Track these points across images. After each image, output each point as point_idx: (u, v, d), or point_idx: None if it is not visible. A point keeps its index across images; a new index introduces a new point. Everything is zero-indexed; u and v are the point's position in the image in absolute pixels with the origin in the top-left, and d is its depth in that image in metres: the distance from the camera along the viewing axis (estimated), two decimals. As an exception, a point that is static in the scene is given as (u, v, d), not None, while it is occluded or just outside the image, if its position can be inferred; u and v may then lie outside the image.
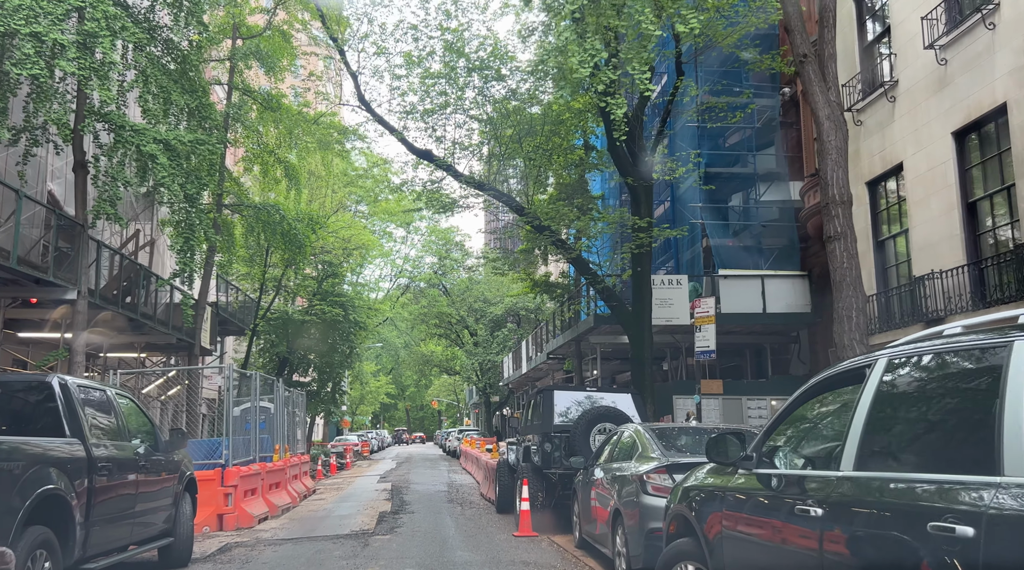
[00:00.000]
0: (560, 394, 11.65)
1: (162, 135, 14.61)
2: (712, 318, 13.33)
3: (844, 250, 8.18)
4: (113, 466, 6.79)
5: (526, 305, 41.35)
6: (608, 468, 8.09)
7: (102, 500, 6.56)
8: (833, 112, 8.48)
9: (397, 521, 12.68)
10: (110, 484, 6.73)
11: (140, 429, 8.06)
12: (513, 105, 18.51)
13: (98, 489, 6.46)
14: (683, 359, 22.06)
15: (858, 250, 8.21)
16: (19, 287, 13.89)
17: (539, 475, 11.21)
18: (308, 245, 24.66)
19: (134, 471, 7.29)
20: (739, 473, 4.24)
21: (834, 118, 8.42)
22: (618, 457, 8.10)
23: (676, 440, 7.51)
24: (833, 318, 8.56)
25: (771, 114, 21.40)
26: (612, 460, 8.20)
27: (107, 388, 7.38)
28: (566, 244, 16.80)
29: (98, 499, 6.47)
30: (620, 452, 8.10)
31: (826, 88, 8.52)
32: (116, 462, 6.92)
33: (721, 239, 21.06)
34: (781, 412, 4.09)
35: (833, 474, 3.30)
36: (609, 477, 7.82)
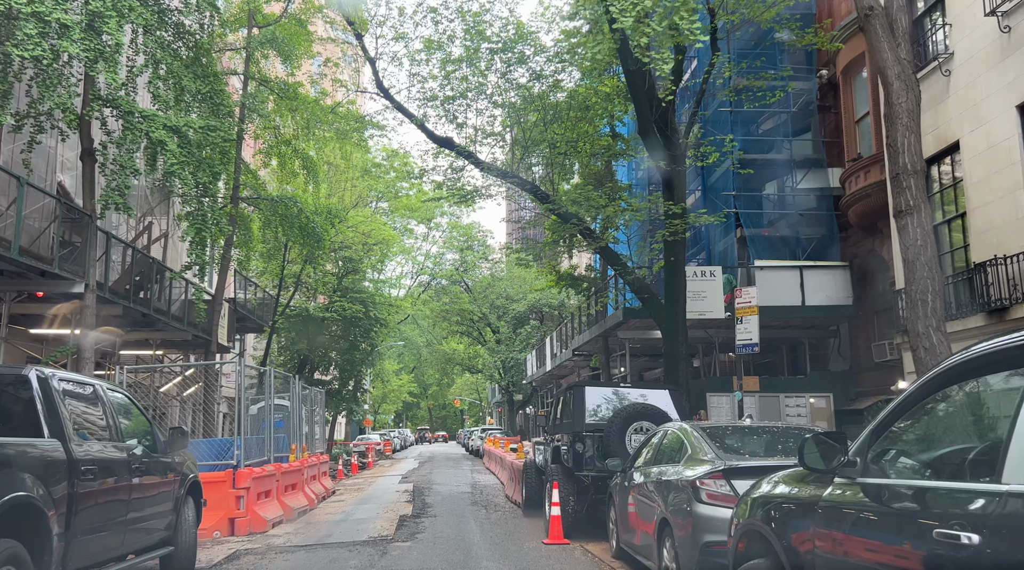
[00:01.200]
0: (591, 390, 10.83)
1: (172, 122, 14.00)
2: (755, 308, 12.44)
3: (917, 225, 7.29)
4: (100, 469, 6.09)
5: (549, 302, 40.53)
6: (651, 472, 7.26)
7: (87, 507, 5.86)
8: (904, 71, 7.59)
9: (418, 526, 11.94)
10: (97, 489, 6.03)
11: (136, 428, 7.37)
12: (537, 90, 17.72)
13: (82, 495, 5.76)
14: (716, 355, 21.14)
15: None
16: (24, 280, 13.33)
17: (570, 478, 10.40)
18: (326, 239, 24.04)
19: (126, 474, 6.59)
20: (836, 482, 3.41)
21: (905, 77, 7.53)
22: (662, 459, 7.28)
23: (730, 440, 6.67)
24: (905, 303, 7.68)
25: (807, 98, 20.40)
26: (655, 463, 7.38)
27: (97, 383, 6.69)
28: (593, 233, 15.95)
29: (82, 506, 5.77)
30: (664, 454, 7.28)
31: (895, 44, 7.62)
32: (104, 465, 6.22)
33: (756, 229, 20.10)
34: (895, 407, 3.25)
35: (992, 488, 2.46)
36: (653, 482, 7.00)
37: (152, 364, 15.72)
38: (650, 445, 8.03)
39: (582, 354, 25.05)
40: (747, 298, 12.54)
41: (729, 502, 5.68)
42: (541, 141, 17.62)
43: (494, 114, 18.36)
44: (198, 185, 14.74)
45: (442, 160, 18.77)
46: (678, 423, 7.33)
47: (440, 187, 18.51)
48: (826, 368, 20.30)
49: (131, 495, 6.66)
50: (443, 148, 17.81)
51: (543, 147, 17.49)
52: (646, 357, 24.24)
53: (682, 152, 15.03)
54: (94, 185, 14.08)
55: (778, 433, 6.88)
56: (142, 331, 19.62)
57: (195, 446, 12.43)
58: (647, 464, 7.64)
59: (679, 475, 6.32)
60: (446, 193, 18.05)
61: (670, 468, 6.71)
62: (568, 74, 17.12)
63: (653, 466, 7.35)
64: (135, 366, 13.57)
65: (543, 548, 9.56)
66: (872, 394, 17.91)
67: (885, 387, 17.29)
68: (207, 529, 11.15)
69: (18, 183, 11.76)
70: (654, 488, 6.88)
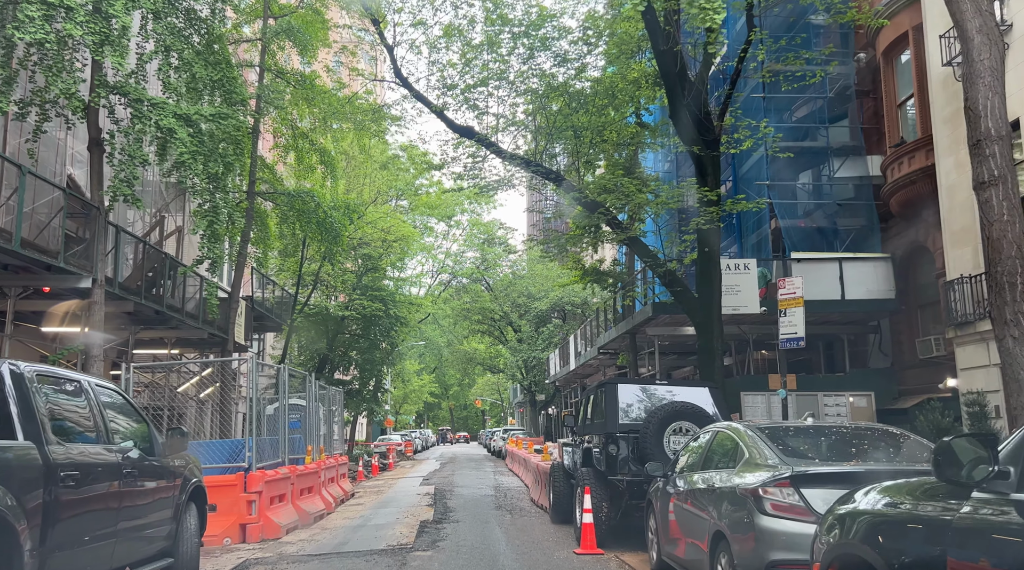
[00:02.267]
0: (625, 388, 10.06)
1: (182, 110, 13.42)
2: (800, 300, 11.58)
3: (1004, 198, 6.43)
4: (84, 475, 5.44)
5: (571, 300, 39.75)
6: (698, 478, 6.49)
7: (68, 518, 5.22)
8: (986, 23, 6.76)
9: (440, 532, 11.23)
10: (80, 497, 5.39)
11: (130, 429, 6.73)
12: (562, 77, 17.00)
13: (61, 504, 5.11)
14: (750, 352, 20.25)
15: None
16: (30, 275, 12.81)
17: (603, 482, 9.64)
18: (345, 234, 23.44)
19: (117, 480, 5.94)
20: (976, 498, 2.64)
21: (987, 30, 6.70)
22: (711, 464, 6.51)
23: (793, 442, 5.87)
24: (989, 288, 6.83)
25: (845, 82, 19.47)
26: (703, 467, 6.61)
27: (84, 379, 6.04)
28: (621, 224, 15.16)
29: (61, 517, 5.13)
30: (714, 458, 6.51)
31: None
32: (90, 469, 5.57)
33: (791, 220, 19.20)
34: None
35: None
36: (702, 489, 6.23)
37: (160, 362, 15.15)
38: (695, 447, 7.26)
39: (608, 352, 24.25)
40: (791, 289, 11.69)
41: (798, 514, 4.91)
42: (565, 128, 16.87)
43: (516, 102, 17.68)
44: (209, 176, 14.16)
45: (462, 151, 18.11)
46: (734, 423, 6.54)
47: (461, 178, 17.82)
48: (865, 366, 19.34)
49: (122, 503, 6.01)
50: (463, 137, 17.14)
51: (567, 135, 16.74)
52: (674, 355, 23.41)
53: (716, 136, 14.22)
54: (102, 176, 13.54)
55: (847, 434, 6.08)
56: (156, 329, 19.13)
57: (206, 447, 11.85)
58: (693, 469, 6.86)
59: (736, 482, 5.55)
60: (467, 184, 17.33)
61: (723, 474, 5.94)
62: (594, 57, 16.36)
63: (701, 471, 6.58)
64: (142, 364, 12.97)
65: (575, 559, 8.82)
66: (916, 393, 16.96)
67: (932, 385, 16.33)
68: (217, 536, 10.55)
69: (19, 172, 11.21)
70: (705, 496, 6.11)
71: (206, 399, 22.51)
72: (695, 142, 13.87)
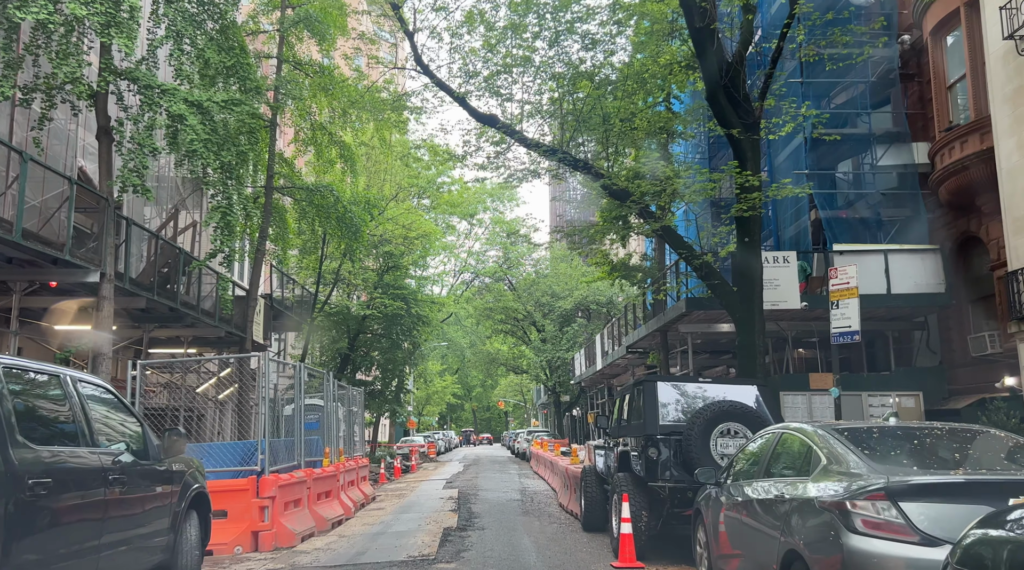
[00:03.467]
0: (665, 387, 9.24)
1: (193, 96, 12.83)
2: (855, 291, 10.67)
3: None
4: (60, 481, 4.76)
5: (596, 298, 38.91)
6: (760, 486, 5.68)
7: (38, 531, 4.55)
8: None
9: (464, 541, 10.48)
10: (55, 507, 4.72)
11: (121, 431, 6.06)
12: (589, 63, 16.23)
13: (29, 515, 4.44)
14: (789, 350, 19.28)
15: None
16: (36, 269, 12.26)
17: (642, 489, 8.83)
18: (365, 230, 22.84)
19: (101, 487, 5.27)
20: None
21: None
22: (775, 470, 5.70)
23: (880, 447, 5.03)
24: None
25: (888, 66, 18.48)
26: (765, 474, 5.80)
27: (65, 373, 5.37)
28: (653, 213, 14.32)
29: (30, 530, 4.46)
30: (779, 463, 5.70)
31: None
32: (67, 475, 4.90)
33: (832, 210, 18.24)
34: None
35: None
36: (766, 499, 5.42)
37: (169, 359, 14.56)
38: (752, 451, 6.45)
39: (637, 351, 23.38)
40: (844, 279, 10.78)
41: (897, 533, 4.09)
42: (592, 116, 16.07)
43: (541, 89, 16.93)
44: (223, 166, 13.57)
45: (485, 141, 17.38)
46: (803, 424, 5.72)
47: (484, 168, 17.09)
48: (911, 364, 18.32)
49: (108, 512, 5.33)
50: (486, 126, 16.40)
51: (595, 122, 15.94)
52: (706, 354, 22.50)
53: (756, 118, 13.34)
54: (111, 166, 12.99)
55: (943, 436, 5.22)
56: (172, 327, 18.61)
57: (217, 450, 11.22)
58: (752, 476, 6.05)
59: (813, 493, 4.72)
60: (490, 174, 16.61)
61: (793, 483, 5.12)
62: (624, 40, 15.56)
63: (763, 479, 5.76)
64: (150, 362, 12.37)
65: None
66: (969, 392, 15.94)
67: (986, 384, 15.32)
68: (227, 544, 9.90)
69: (21, 159, 10.64)
70: (770, 508, 5.30)
71: (226, 400, 22.01)
72: (733, 125, 13.02)
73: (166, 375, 19.61)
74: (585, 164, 15.73)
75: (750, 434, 8.28)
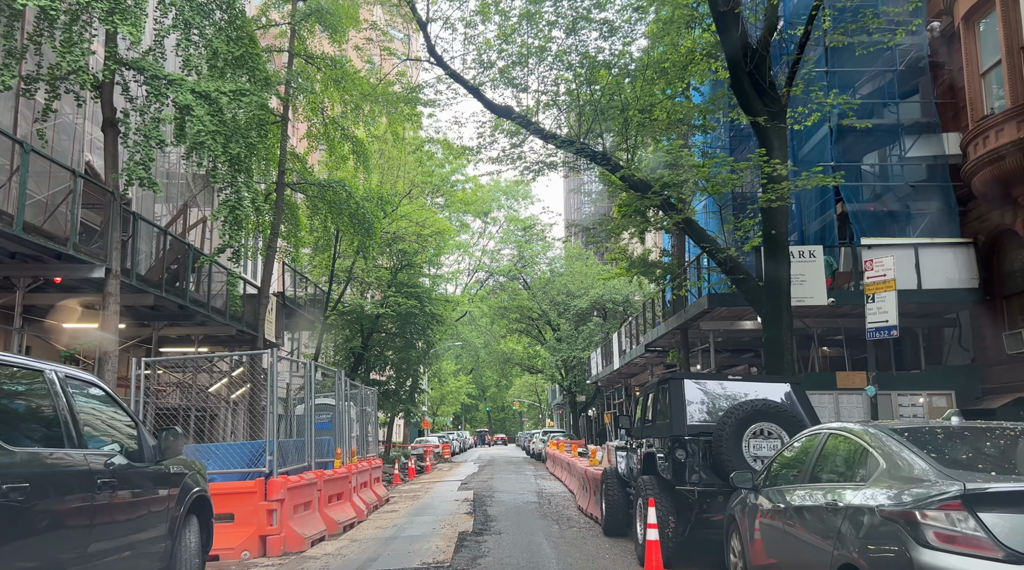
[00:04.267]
0: (692, 384, 8.74)
1: (201, 87, 12.47)
2: (892, 283, 10.13)
3: None
4: (38, 487, 4.36)
5: (613, 297, 38.36)
6: (805, 492, 5.18)
7: (15, 539, 4.13)
8: None
9: (480, 547, 10.03)
10: (31, 514, 4.30)
11: (113, 431, 5.65)
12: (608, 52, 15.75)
13: (3, 523, 4.02)
14: (815, 348, 18.68)
15: None
16: (40, 264, 11.94)
17: (669, 493, 8.33)
18: (378, 227, 22.45)
19: (89, 491, 4.86)
20: None
21: None
22: (822, 474, 5.21)
23: (948, 449, 4.53)
24: None
25: (916, 54, 17.85)
26: (810, 479, 5.30)
27: (48, 367, 4.95)
28: (674, 205, 13.80)
29: (6, 539, 4.04)
30: (827, 467, 5.21)
31: None
32: (47, 480, 4.49)
33: (859, 204, 17.63)
34: None
35: None
36: (815, 506, 4.92)
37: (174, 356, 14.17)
38: (793, 453, 5.95)
39: (656, 349, 22.84)
40: (880, 271, 10.23)
41: (977, 549, 3.60)
42: (611, 107, 15.58)
43: (558, 80, 16.44)
44: (231, 159, 13.20)
45: (500, 134, 16.93)
46: (855, 425, 5.21)
47: (498, 161, 16.63)
48: (941, 362, 17.68)
49: (96, 518, 4.91)
50: (502, 117, 15.94)
51: (614, 113, 15.44)
52: (727, 352, 21.93)
53: (782, 106, 12.82)
54: (117, 158, 12.66)
55: (1018, 436, 4.70)
56: (182, 326, 18.30)
57: (224, 451, 10.83)
58: (794, 480, 5.56)
59: (872, 501, 4.23)
60: (505, 167, 16.16)
61: (846, 489, 4.63)
62: (645, 26, 15.05)
63: (808, 484, 5.27)
64: (154, 359, 12.01)
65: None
66: (1005, 392, 15.31)
67: (1022, 383, 14.70)
68: (234, 549, 9.50)
69: (21, 150, 10.29)
70: (819, 516, 4.80)
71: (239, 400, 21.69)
72: (759, 113, 12.50)
73: (178, 374, 19.35)
74: (604, 156, 15.25)
75: (785, 435, 7.78)
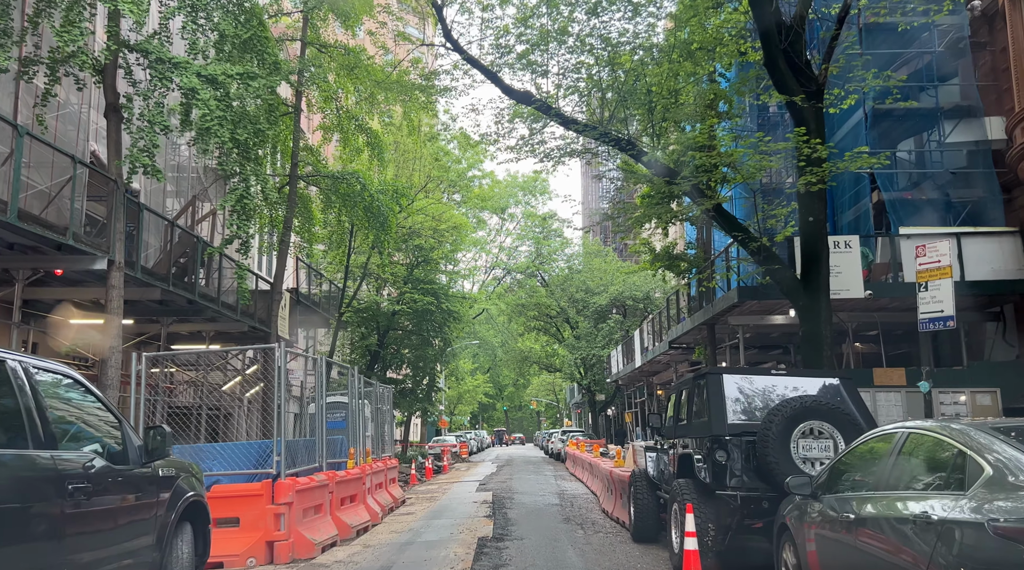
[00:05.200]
0: (731, 380, 8.03)
1: (206, 70, 11.91)
2: (948, 270, 9.34)
3: None
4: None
5: (633, 294, 37.58)
6: (884, 501, 4.48)
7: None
8: None
9: (501, 554, 9.37)
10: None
11: (92, 429, 5.05)
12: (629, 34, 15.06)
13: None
14: (849, 343, 17.86)
15: None
16: (40, 256, 11.42)
17: (708, 498, 7.63)
18: (393, 221, 21.84)
19: (59, 498, 4.26)
20: None
21: None
22: (902, 482, 4.51)
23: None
24: None
25: (956, 35, 16.99)
26: (887, 486, 4.60)
27: (11, 356, 4.35)
28: (703, 192, 13.07)
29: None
30: (907, 472, 4.51)
31: None
32: (5, 487, 3.87)
33: (896, 192, 16.80)
34: None
35: None
36: (899, 518, 4.22)
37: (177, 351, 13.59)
38: (860, 455, 5.24)
39: (680, 346, 22.08)
40: (935, 257, 9.44)
41: None
42: (635, 91, 14.87)
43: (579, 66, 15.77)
44: (238, 145, 12.64)
45: (518, 122, 16.27)
46: (945, 423, 4.50)
47: (516, 150, 15.97)
48: (983, 357, 16.81)
49: (65, 529, 4.32)
50: (520, 103, 15.29)
51: (638, 97, 14.74)
52: (754, 349, 21.13)
53: (820, 85, 12.06)
54: (120, 145, 12.13)
55: None
56: (193, 322, 17.81)
57: (230, 451, 10.23)
58: (864, 487, 4.86)
59: (980, 514, 3.53)
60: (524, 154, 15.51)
61: (940, 498, 3.93)
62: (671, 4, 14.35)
63: (883, 491, 4.56)
64: (155, 354, 11.46)
65: (677, 597, 6.86)
66: (1054, 389, 14.43)
67: (1074, 380, 13.84)
68: (239, 555, 8.92)
69: (16, 133, 9.76)
70: (906, 531, 4.10)
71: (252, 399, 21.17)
72: (795, 92, 11.75)
73: (190, 372, 18.85)
74: (629, 142, 14.55)
75: (839, 435, 7.07)
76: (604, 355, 39.80)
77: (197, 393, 18.18)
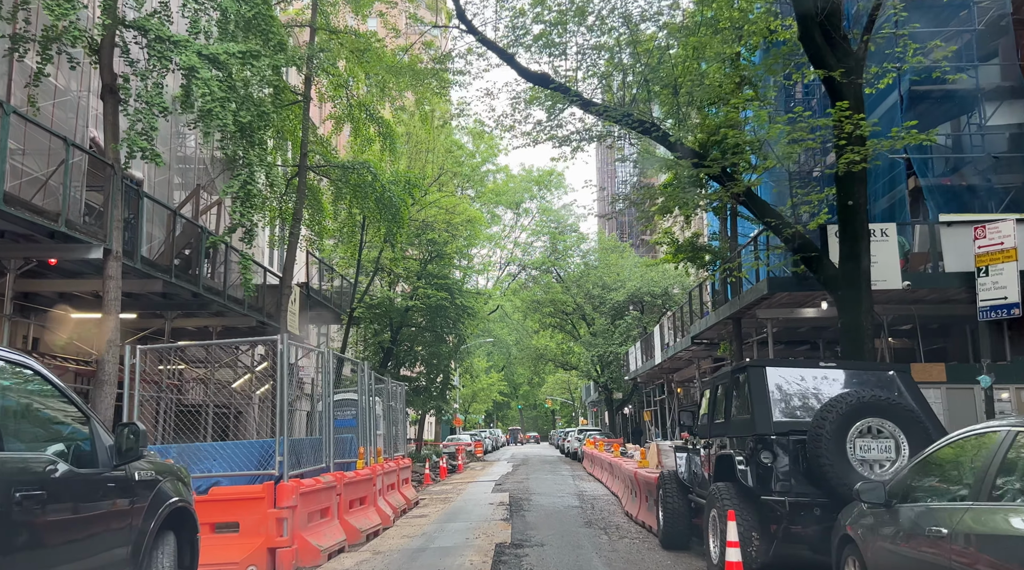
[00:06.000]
0: (775, 373, 7.28)
1: (208, 49, 11.29)
2: (1012, 252, 8.55)
3: None
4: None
5: (651, 290, 36.75)
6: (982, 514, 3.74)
7: None
8: None
9: (521, 562, 8.67)
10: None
11: (54, 428, 4.40)
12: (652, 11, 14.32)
13: None
14: (884, 337, 16.98)
15: None
16: (31, 243, 10.83)
17: (751, 504, 6.89)
18: (405, 213, 21.18)
19: (5, 508, 3.58)
20: None
21: None
22: (1007, 491, 3.76)
23: None
24: None
25: (998, 12, 16.11)
26: (988, 496, 3.86)
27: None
28: (732, 176, 12.29)
29: None
30: (1014, 480, 3.76)
31: None
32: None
33: (934, 178, 15.94)
34: None
35: None
36: (1009, 536, 3.48)
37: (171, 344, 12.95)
38: (943, 459, 4.49)
39: (703, 342, 21.28)
40: (997, 238, 8.66)
41: None
42: (658, 72, 14.11)
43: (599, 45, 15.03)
44: (241, 128, 12.01)
45: (535, 107, 15.55)
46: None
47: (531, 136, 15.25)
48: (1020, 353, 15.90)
49: (15, 542, 3.65)
50: (537, 86, 14.56)
51: (662, 77, 13.97)
52: (781, 344, 20.30)
53: (859, 60, 11.27)
54: (117, 128, 11.52)
55: None
56: (198, 316, 17.23)
57: (230, 451, 9.58)
58: (953, 496, 4.12)
59: None
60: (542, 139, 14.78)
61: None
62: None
63: (985, 502, 3.82)
64: (151, 346, 10.84)
65: (719, 615, 6.13)
66: (1106, 385, 13.54)
67: None
68: (238, 563, 8.27)
69: (1, 111, 9.13)
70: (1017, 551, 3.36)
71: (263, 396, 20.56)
72: (832, 67, 10.96)
73: (199, 369, 18.28)
74: (654, 125, 13.79)
75: (901, 434, 6.31)
76: (621, 352, 39.00)
77: (206, 391, 17.62)
